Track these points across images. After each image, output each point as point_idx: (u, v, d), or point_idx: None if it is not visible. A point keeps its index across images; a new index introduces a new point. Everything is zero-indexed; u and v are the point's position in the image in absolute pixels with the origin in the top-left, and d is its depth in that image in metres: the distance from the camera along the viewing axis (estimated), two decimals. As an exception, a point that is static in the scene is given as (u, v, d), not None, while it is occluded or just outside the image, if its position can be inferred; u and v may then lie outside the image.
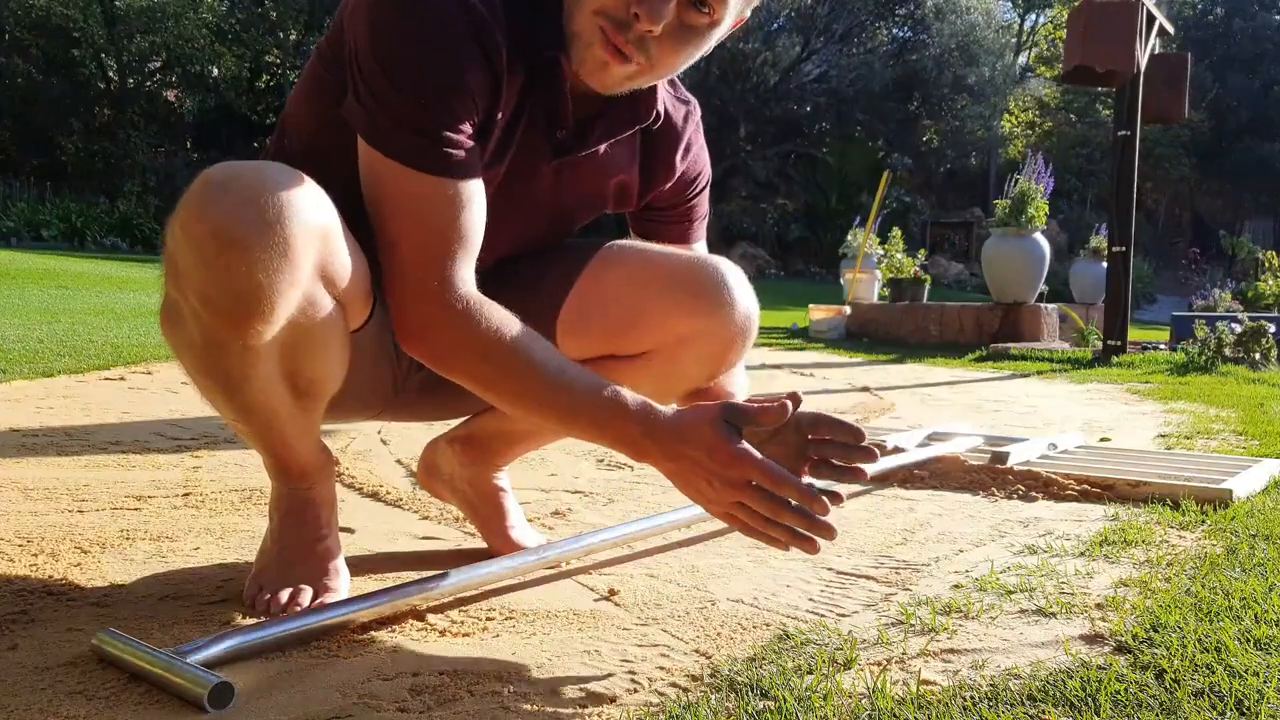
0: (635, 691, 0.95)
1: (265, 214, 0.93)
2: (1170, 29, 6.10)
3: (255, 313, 0.95)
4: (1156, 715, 0.89)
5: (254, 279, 0.93)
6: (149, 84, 19.60)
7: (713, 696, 0.92)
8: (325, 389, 1.12)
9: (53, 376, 3.24)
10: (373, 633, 1.08)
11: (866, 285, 8.63)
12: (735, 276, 1.24)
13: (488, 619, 1.14)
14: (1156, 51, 5.93)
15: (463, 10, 1.02)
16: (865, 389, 4.22)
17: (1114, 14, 5.40)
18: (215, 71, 19.68)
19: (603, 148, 1.21)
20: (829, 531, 0.98)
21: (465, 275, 1.06)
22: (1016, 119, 26.06)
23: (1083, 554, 1.48)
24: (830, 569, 1.40)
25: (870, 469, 1.96)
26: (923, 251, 8.87)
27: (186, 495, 1.74)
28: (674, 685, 0.96)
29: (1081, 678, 0.96)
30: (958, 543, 1.56)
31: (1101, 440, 2.74)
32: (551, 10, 1.09)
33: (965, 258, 21.01)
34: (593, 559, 1.40)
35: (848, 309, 7.85)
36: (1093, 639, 1.10)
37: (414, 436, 2.35)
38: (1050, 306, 7.19)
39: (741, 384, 1.35)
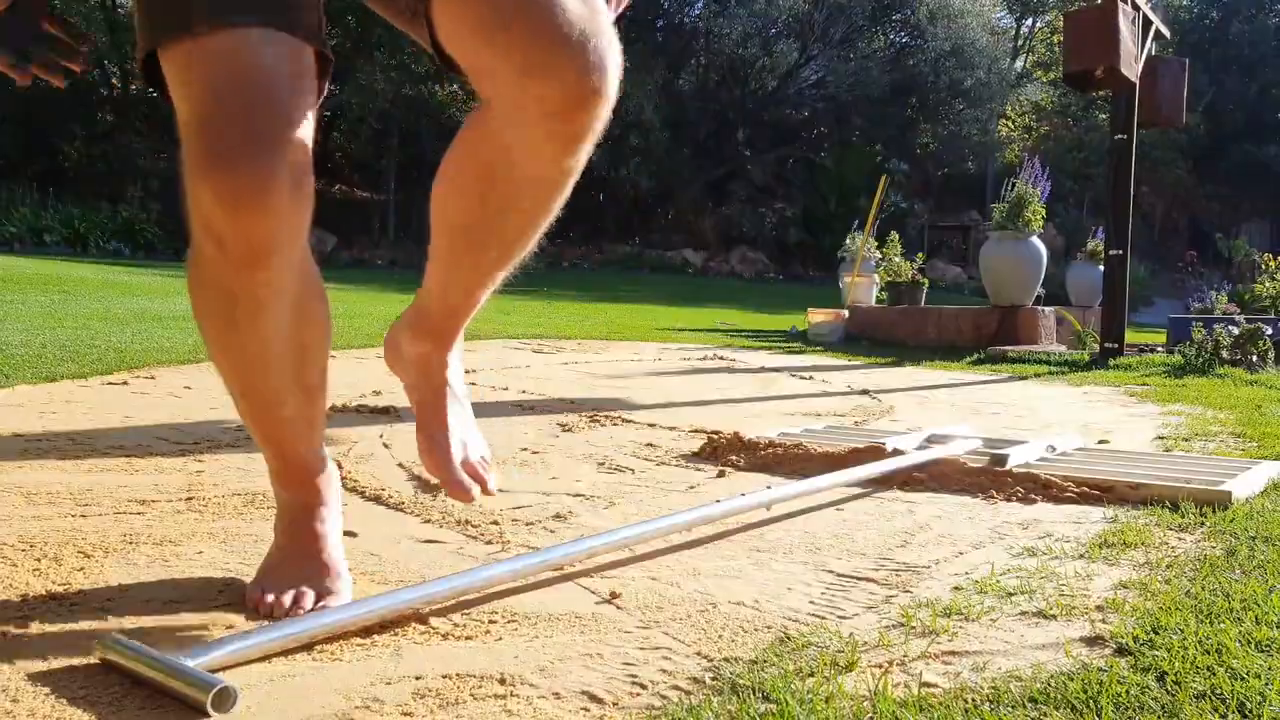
0: (637, 694, 0.95)
1: (274, 161, 0.99)
2: (1167, 33, 6.11)
3: (268, 254, 1.02)
4: (1158, 717, 0.89)
5: (268, 225, 1.00)
6: (151, 90, 19.60)
7: (715, 699, 0.92)
8: (322, 353, 1.19)
9: (56, 381, 3.24)
10: (375, 636, 1.08)
11: (865, 288, 8.63)
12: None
13: (490, 622, 1.15)
14: (1153, 55, 5.95)
15: None
16: (865, 392, 4.22)
17: (1111, 19, 5.41)
18: (216, 77, 19.70)
19: None
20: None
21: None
22: (1013, 123, 26.08)
23: (1082, 556, 1.48)
24: (831, 571, 1.41)
25: (870, 471, 1.99)
26: (921, 255, 8.87)
27: (190, 499, 1.74)
28: (676, 688, 0.96)
29: (1082, 680, 0.97)
30: (958, 545, 1.56)
31: (1100, 442, 2.74)
32: None
33: (963, 261, 21.01)
34: (594, 562, 1.40)
35: (846, 312, 7.86)
36: (1093, 641, 1.10)
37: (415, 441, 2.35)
38: (1048, 309, 7.19)
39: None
